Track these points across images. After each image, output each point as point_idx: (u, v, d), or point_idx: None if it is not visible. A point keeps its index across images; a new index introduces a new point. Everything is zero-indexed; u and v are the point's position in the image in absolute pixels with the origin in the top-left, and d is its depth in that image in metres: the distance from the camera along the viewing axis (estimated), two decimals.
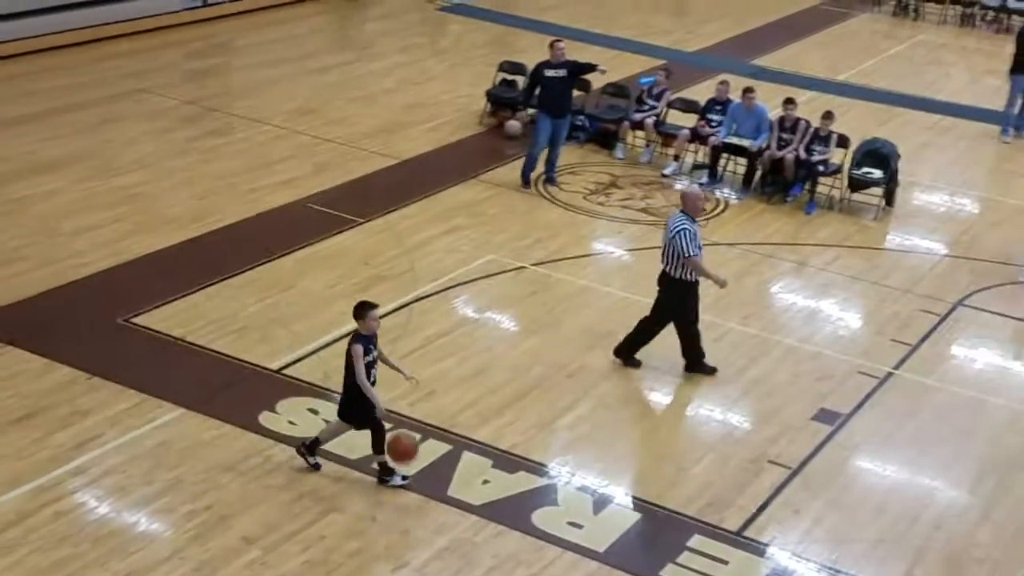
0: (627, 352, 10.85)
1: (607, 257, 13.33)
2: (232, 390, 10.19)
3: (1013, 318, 12.41)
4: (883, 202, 14.71)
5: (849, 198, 14.81)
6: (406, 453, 8.79)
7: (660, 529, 8.83)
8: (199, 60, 19.63)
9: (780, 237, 13.91)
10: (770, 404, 10.49)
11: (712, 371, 10.78)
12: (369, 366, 8.77)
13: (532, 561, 8.35)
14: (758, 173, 15.11)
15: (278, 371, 10.48)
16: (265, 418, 9.75)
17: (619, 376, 10.76)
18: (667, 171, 15.57)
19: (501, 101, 16.89)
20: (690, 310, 10.62)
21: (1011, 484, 9.56)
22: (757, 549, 8.63)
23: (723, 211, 14.54)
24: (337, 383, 10.42)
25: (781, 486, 9.35)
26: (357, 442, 9.48)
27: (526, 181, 14.69)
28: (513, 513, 8.83)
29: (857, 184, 14.74)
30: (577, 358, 10.99)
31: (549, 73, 14.52)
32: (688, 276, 10.40)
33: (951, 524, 9.07)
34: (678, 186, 15.20)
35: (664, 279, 10.58)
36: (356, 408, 8.87)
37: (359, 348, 8.71)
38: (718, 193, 15.01)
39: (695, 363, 10.77)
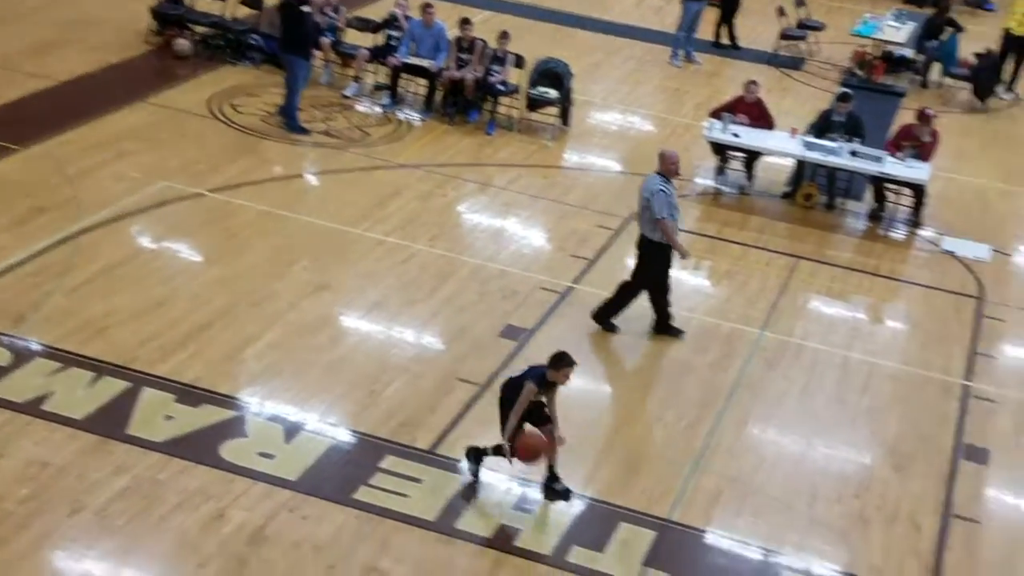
0: (605, 317, 10.63)
1: (290, 182, 12.97)
2: None
3: (681, 230, 13.07)
4: (560, 121, 15.10)
5: (527, 118, 15.10)
6: (533, 450, 8.20)
7: (352, 453, 8.76)
8: None
9: (463, 158, 14.02)
10: (459, 323, 10.60)
11: (679, 333, 10.70)
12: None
13: (221, 494, 8.08)
14: (439, 94, 15.12)
15: None
16: None
17: (309, 302, 10.54)
18: (348, 92, 15.30)
19: (167, 19, 15.98)
20: (664, 274, 10.49)
21: (680, 387, 10.11)
22: (449, 465, 8.74)
23: (406, 133, 14.47)
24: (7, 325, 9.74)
25: (471, 402, 9.49)
26: (28, 382, 8.84)
27: (301, 128, 13.97)
28: (199, 448, 8.50)
29: (534, 103, 15.04)
30: (263, 286, 10.67)
31: (307, 9, 13.83)
32: (664, 239, 10.30)
33: (629, 426, 9.52)
34: (359, 107, 15.00)
35: (641, 242, 10.44)
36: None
37: (533, 387, 8.16)
38: (400, 115, 14.92)
39: (664, 326, 10.69)
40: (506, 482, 8.64)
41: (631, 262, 12.17)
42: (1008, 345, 11.33)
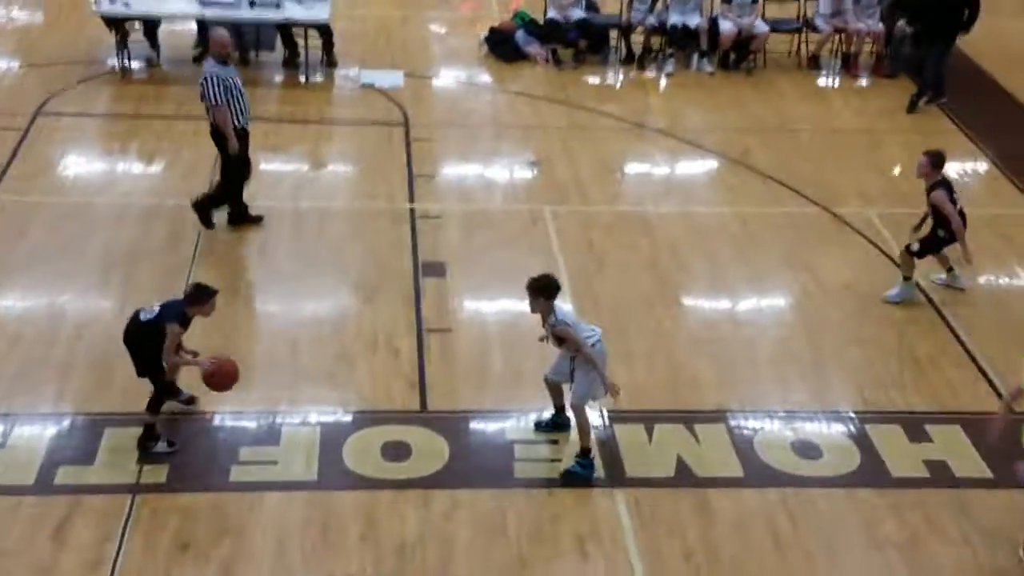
0: (205, 211, 10.13)
1: None
2: None
3: (92, 115, 12.25)
4: None
5: None
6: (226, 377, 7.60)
7: None
8: None
9: None
10: None
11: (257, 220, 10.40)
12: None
13: None
14: None
15: None
16: None
17: None
18: None
19: None
20: (237, 161, 10.00)
21: (135, 273, 9.55)
22: None
23: None
24: None
25: None
26: None
27: None
28: None
29: None
30: None
31: None
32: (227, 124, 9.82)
33: (92, 328, 8.86)
34: None
35: (212, 132, 9.99)
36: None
37: (180, 330, 7.44)
38: None
39: (239, 217, 10.29)
40: None
41: (48, 159, 11.26)
42: (439, 162, 11.86)
